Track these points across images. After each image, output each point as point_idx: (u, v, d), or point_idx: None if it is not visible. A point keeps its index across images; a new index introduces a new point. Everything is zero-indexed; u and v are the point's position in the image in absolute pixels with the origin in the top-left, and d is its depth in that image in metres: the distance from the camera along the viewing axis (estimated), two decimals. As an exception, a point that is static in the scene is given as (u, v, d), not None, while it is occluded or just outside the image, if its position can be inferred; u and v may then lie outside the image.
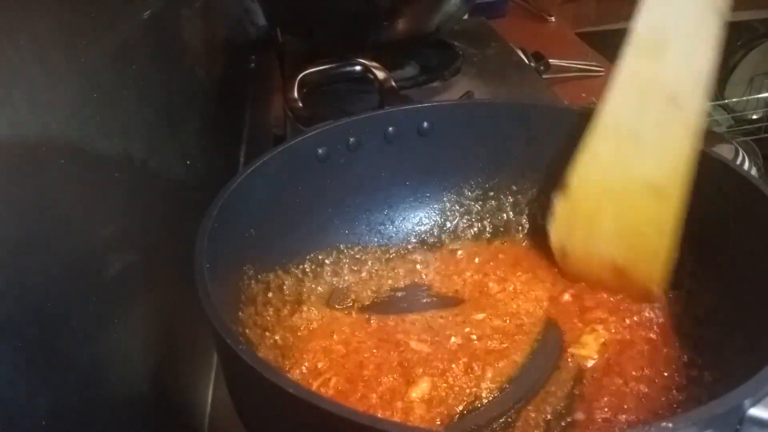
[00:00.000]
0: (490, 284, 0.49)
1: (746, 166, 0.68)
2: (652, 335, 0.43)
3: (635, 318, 0.44)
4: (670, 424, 0.24)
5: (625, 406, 0.38)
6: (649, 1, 0.41)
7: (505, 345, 0.43)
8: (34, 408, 0.28)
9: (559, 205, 0.47)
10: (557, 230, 0.48)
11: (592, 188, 0.45)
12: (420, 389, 0.39)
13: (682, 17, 0.41)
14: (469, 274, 0.50)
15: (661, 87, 0.42)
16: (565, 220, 0.47)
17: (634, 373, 0.40)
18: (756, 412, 0.26)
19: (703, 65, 0.40)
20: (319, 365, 0.42)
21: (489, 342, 0.43)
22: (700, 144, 0.41)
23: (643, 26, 0.42)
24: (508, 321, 0.45)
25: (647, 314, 0.44)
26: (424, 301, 0.48)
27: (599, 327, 0.44)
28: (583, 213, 0.46)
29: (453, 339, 0.43)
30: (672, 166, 0.41)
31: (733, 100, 1.74)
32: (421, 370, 0.41)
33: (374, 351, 0.43)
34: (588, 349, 0.42)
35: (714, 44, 0.40)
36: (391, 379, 0.40)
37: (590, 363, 0.41)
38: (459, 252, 0.52)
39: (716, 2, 0.39)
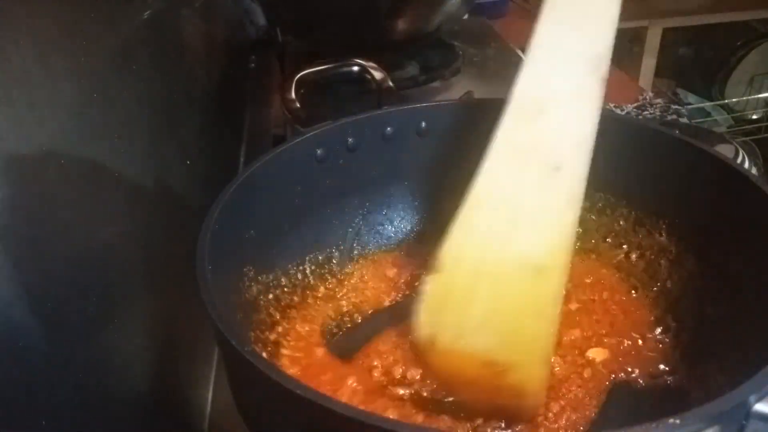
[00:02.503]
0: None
1: (746, 166, 0.68)
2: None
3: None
4: (678, 421, 0.25)
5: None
6: (529, 66, 0.38)
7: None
8: (34, 408, 0.28)
9: (428, 285, 0.38)
10: (426, 315, 0.38)
11: (466, 267, 0.38)
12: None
13: (562, 82, 0.37)
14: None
15: (540, 153, 0.37)
16: (436, 304, 0.38)
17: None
18: (761, 407, 0.26)
19: (584, 131, 0.37)
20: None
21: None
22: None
23: (522, 90, 0.38)
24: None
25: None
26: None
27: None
28: (455, 296, 0.38)
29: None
30: (552, 239, 0.37)
31: (733, 100, 1.74)
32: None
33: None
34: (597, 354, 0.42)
35: (595, 110, 0.37)
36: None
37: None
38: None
39: (598, 69, 0.37)
